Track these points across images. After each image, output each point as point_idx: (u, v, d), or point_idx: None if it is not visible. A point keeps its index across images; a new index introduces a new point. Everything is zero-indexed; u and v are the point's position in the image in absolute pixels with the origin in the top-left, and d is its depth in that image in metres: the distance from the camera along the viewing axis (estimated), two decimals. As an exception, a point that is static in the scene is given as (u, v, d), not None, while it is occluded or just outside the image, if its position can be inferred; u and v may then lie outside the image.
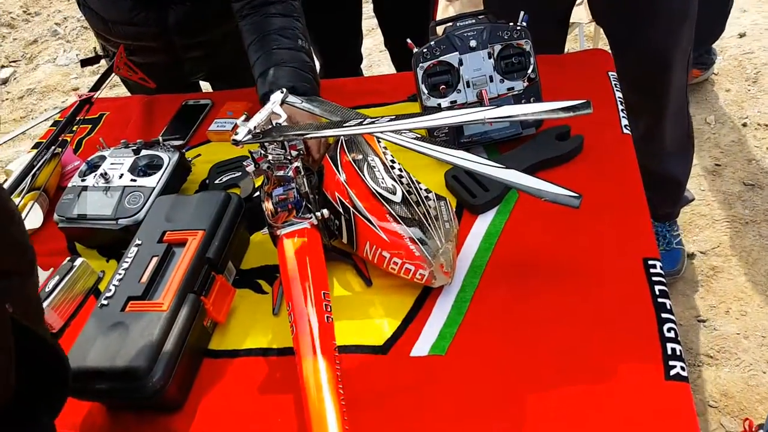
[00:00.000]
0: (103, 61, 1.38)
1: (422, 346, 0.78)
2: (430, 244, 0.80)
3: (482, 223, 0.91)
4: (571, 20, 1.88)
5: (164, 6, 1.23)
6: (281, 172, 0.81)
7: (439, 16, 1.78)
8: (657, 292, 0.76)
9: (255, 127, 0.79)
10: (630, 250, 0.82)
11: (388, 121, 0.75)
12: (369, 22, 1.75)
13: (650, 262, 0.80)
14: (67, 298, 0.91)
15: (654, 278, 0.78)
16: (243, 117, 0.81)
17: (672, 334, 0.72)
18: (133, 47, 1.27)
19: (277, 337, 0.83)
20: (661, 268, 0.80)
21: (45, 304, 0.88)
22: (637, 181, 0.91)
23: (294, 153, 0.82)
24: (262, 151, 0.81)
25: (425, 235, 0.81)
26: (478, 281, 0.84)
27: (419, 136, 0.81)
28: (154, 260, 0.82)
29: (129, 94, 1.51)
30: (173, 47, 1.30)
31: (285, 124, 0.83)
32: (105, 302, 0.78)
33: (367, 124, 0.77)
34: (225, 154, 1.14)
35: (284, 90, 0.84)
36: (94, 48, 1.39)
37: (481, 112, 0.72)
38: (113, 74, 1.26)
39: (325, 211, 0.79)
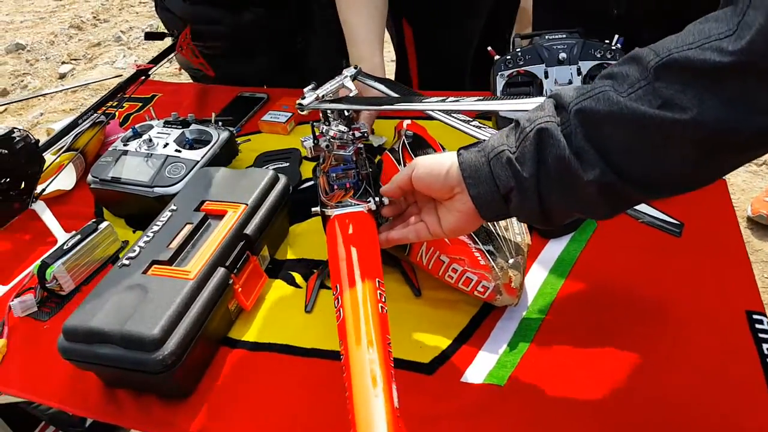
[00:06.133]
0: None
1: (476, 373, 0.66)
2: (498, 254, 0.70)
3: (554, 249, 0.81)
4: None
5: (242, 7, 1.20)
6: (341, 152, 0.72)
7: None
8: (766, 351, 0.64)
9: (322, 95, 0.71)
10: (730, 298, 0.70)
11: (455, 100, 0.68)
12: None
13: (755, 317, 0.68)
14: (84, 261, 0.82)
15: (761, 335, 0.66)
16: (311, 86, 0.73)
17: (786, 400, 0.59)
18: (199, 31, 1.23)
19: (305, 336, 0.72)
20: (769, 324, 0.67)
21: (59, 263, 0.79)
22: (734, 226, 0.80)
23: (357, 134, 0.74)
24: (325, 126, 0.73)
25: (493, 244, 0.71)
26: (547, 309, 0.72)
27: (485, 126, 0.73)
28: (188, 227, 0.73)
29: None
30: (241, 45, 1.27)
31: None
32: (126, 262, 0.69)
33: (435, 101, 0.69)
34: (274, 145, 1.08)
35: (358, 66, 0.77)
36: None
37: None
38: (174, 52, 1.22)
39: (386, 199, 0.69)
